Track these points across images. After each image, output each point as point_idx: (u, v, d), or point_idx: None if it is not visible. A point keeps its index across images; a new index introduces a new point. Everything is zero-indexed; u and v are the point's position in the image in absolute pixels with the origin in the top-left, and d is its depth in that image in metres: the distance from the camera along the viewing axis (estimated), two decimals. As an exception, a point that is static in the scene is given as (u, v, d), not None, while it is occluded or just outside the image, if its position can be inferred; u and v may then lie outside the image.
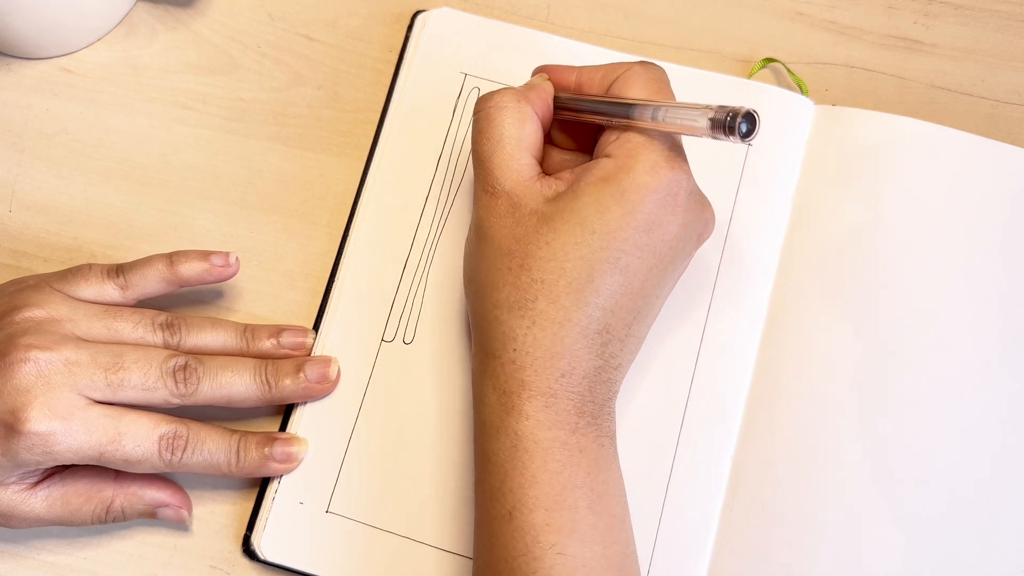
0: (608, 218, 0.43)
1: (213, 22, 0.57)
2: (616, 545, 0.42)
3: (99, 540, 0.49)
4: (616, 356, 0.44)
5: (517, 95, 0.46)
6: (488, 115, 0.46)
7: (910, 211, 0.51)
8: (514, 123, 0.46)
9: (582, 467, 0.42)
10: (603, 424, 0.43)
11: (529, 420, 0.42)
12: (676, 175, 0.43)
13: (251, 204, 0.54)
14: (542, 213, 0.44)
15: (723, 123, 0.40)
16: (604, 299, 0.43)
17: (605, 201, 0.43)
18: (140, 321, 0.48)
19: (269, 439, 0.48)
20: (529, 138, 0.46)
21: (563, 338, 0.42)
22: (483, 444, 0.44)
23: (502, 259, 0.44)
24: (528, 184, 0.45)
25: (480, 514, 0.43)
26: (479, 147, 0.46)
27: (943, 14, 0.57)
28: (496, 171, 0.45)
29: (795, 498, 0.48)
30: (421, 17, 0.56)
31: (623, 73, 0.46)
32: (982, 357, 0.49)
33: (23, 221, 0.54)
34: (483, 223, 0.45)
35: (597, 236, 0.43)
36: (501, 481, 0.42)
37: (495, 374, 0.43)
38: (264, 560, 0.48)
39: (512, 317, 0.43)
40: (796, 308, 0.51)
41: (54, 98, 0.56)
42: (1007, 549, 0.47)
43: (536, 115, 0.46)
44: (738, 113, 0.40)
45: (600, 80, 0.47)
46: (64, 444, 0.43)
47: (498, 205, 0.45)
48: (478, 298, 0.45)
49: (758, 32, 0.57)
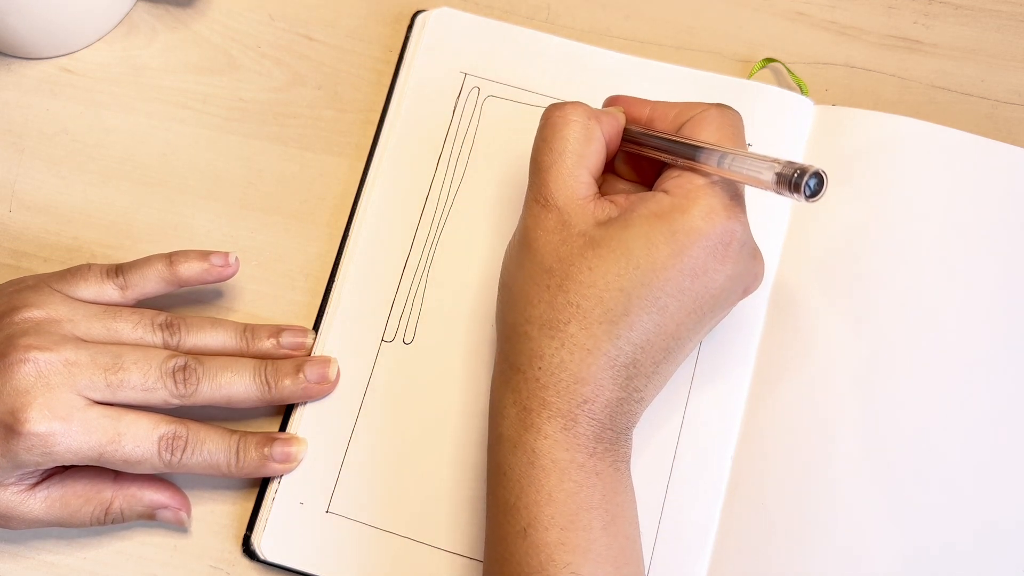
0: (655, 255, 0.42)
1: (213, 22, 0.57)
2: (628, 566, 0.42)
3: (99, 540, 0.49)
4: (640, 391, 0.43)
5: (588, 112, 0.45)
6: (555, 125, 0.45)
7: (910, 211, 0.51)
8: (580, 139, 0.45)
9: (598, 489, 0.42)
10: (620, 450, 0.43)
11: (547, 440, 0.42)
12: (731, 224, 0.42)
13: (251, 204, 0.54)
14: (590, 236, 0.43)
15: (789, 179, 0.39)
16: (637, 335, 0.42)
17: (655, 238, 0.42)
18: (139, 321, 0.48)
19: (269, 439, 0.48)
20: (592, 157, 0.45)
21: (590, 365, 0.42)
22: (498, 458, 0.43)
23: (542, 275, 0.43)
24: (582, 203, 0.44)
25: (493, 528, 0.43)
26: (540, 156, 0.45)
27: (943, 14, 0.57)
28: (552, 183, 0.44)
29: (795, 498, 0.48)
30: (421, 17, 0.56)
31: (698, 114, 0.45)
32: (982, 356, 0.49)
33: (23, 221, 0.54)
34: (529, 233, 0.44)
35: (641, 272, 0.42)
36: (516, 497, 0.42)
37: (517, 388, 0.43)
38: (264, 560, 0.48)
39: (542, 335, 0.43)
40: (796, 308, 0.51)
41: (54, 98, 0.56)
42: (1007, 548, 0.47)
43: (603, 137, 0.45)
44: (807, 171, 0.39)
45: (674, 118, 0.46)
46: (64, 445, 0.43)
47: (548, 219, 0.44)
48: (510, 307, 0.45)
49: (758, 32, 0.57)
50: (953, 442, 0.48)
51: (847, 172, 0.52)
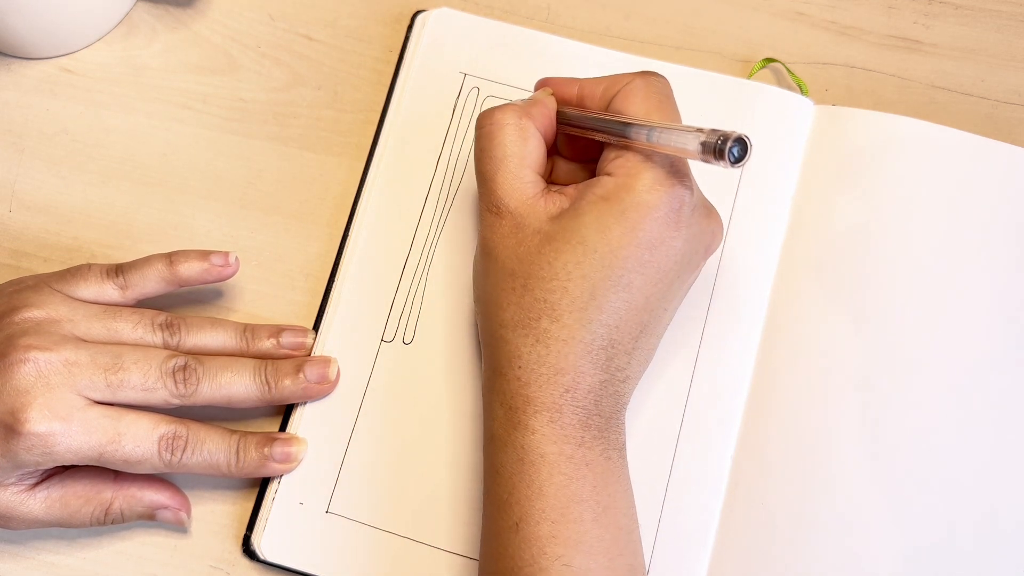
0: (609, 237, 0.42)
1: (213, 22, 0.57)
2: (622, 557, 0.42)
3: (99, 540, 0.49)
4: (623, 369, 0.44)
5: (518, 111, 0.46)
6: (490, 133, 0.46)
7: (910, 211, 0.51)
8: (516, 141, 0.45)
9: (588, 480, 0.42)
10: (611, 436, 0.43)
11: (535, 435, 0.42)
12: (677, 191, 0.43)
13: (251, 204, 0.54)
14: (545, 232, 0.44)
15: (713, 147, 0.40)
16: (608, 316, 0.43)
17: (606, 220, 0.43)
18: (139, 321, 0.48)
19: (269, 439, 0.48)
20: (532, 155, 0.46)
21: (567, 355, 0.42)
22: (491, 456, 0.44)
23: (506, 279, 0.44)
24: (532, 202, 0.45)
25: (488, 524, 0.43)
26: (482, 166, 0.46)
27: (943, 14, 0.57)
28: (499, 190, 0.45)
29: (795, 498, 0.48)
30: (421, 17, 0.56)
31: (624, 87, 0.45)
32: (982, 356, 0.49)
33: (23, 221, 0.54)
34: (488, 243, 0.45)
35: (598, 255, 0.42)
36: (508, 493, 0.42)
37: (502, 390, 0.43)
38: (264, 560, 0.48)
39: (517, 336, 0.43)
40: (796, 308, 0.51)
41: (54, 98, 0.56)
42: (1007, 549, 0.47)
43: (538, 131, 0.46)
44: (728, 137, 0.39)
45: (602, 94, 0.46)
46: (64, 445, 0.43)
47: (502, 225, 0.45)
48: (485, 317, 0.45)
49: (758, 32, 0.57)
50: (953, 442, 0.48)
51: (847, 172, 0.52)
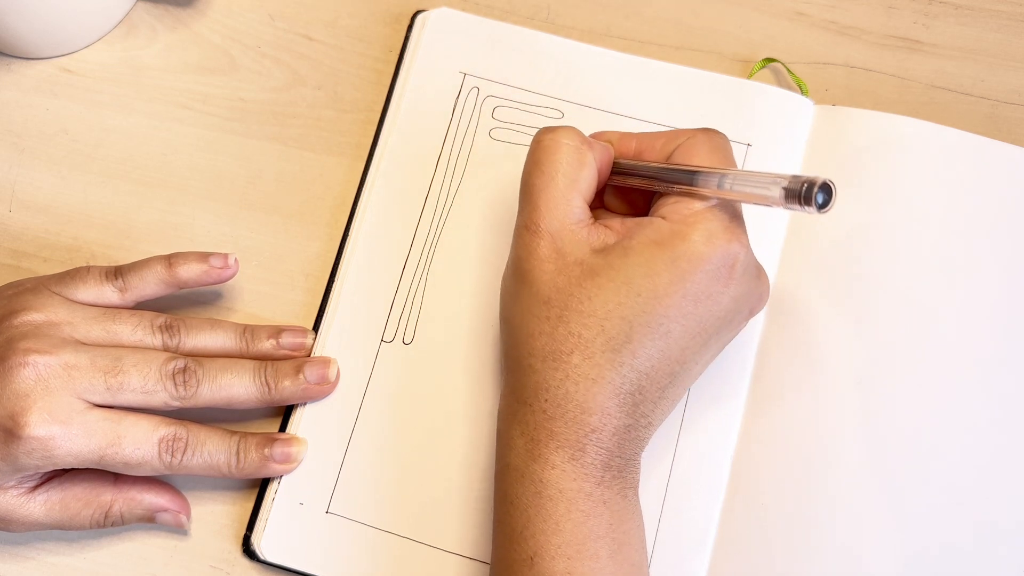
0: (656, 282, 0.41)
1: (213, 22, 0.57)
2: None
3: (100, 541, 0.49)
4: (647, 416, 0.43)
5: (581, 137, 0.44)
6: (547, 148, 0.44)
7: (910, 211, 0.51)
8: (572, 163, 0.44)
9: (605, 518, 0.41)
10: (628, 476, 0.43)
11: (555, 470, 0.41)
12: (733, 247, 0.42)
13: (251, 204, 0.54)
14: (588, 265, 0.42)
15: (798, 193, 0.38)
16: (641, 362, 0.42)
17: (656, 266, 0.41)
18: (139, 323, 0.48)
19: (269, 440, 0.48)
20: (584, 182, 0.44)
21: (596, 395, 0.41)
22: (505, 487, 0.43)
23: (540, 307, 0.43)
24: (575, 229, 0.43)
25: (499, 554, 0.43)
26: (531, 179, 0.44)
27: (943, 14, 0.57)
28: (543, 207, 0.43)
29: (795, 499, 0.48)
30: (421, 17, 0.56)
31: (686, 140, 0.44)
32: (982, 356, 0.49)
33: (23, 221, 0.54)
34: (522, 264, 0.44)
35: (642, 299, 0.41)
36: (523, 526, 0.42)
37: (524, 420, 0.43)
38: (264, 560, 0.48)
39: (546, 367, 0.42)
40: (796, 308, 0.51)
41: (54, 98, 0.56)
42: (1007, 548, 0.47)
43: (596, 163, 0.45)
44: (815, 183, 0.38)
45: (661, 147, 0.45)
46: (64, 448, 0.43)
47: (540, 247, 0.43)
48: (512, 343, 0.44)
49: (758, 32, 0.57)
50: (953, 442, 0.48)
51: (847, 172, 0.52)
